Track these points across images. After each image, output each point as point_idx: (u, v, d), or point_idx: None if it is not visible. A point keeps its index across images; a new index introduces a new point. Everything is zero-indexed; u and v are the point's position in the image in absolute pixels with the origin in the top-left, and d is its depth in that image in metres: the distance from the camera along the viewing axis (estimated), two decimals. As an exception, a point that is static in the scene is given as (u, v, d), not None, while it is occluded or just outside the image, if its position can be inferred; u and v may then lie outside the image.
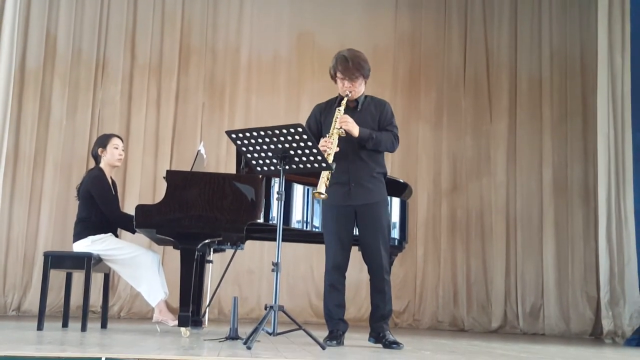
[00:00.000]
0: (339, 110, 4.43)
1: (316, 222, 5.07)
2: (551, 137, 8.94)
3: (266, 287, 8.45)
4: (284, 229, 4.20)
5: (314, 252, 8.01)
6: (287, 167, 4.16)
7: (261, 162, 4.22)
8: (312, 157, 4.09)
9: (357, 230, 4.59)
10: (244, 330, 4.41)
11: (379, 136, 4.50)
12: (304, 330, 4.00)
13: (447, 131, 9.14)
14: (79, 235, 5.26)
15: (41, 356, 2.95)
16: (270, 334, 4.00)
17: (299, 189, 4.99)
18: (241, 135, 4.13)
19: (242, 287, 8.48)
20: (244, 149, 4.19)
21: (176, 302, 4.92)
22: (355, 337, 5.16)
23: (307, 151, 4.07)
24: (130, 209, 5.07)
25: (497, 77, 9.22)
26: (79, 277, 6.12)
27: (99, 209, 5.27)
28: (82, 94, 8.63)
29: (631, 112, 7.33)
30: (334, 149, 4.27)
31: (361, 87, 4.60)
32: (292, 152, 4.10)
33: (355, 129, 4.41)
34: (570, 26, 9.12)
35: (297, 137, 4.02)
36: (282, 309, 4.00)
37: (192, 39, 9.03)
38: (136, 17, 8.92)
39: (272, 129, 4.04)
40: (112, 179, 5.50)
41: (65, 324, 5.45)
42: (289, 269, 8.34)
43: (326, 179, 4.21)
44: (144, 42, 8.89)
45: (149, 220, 4.73)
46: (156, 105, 8.82)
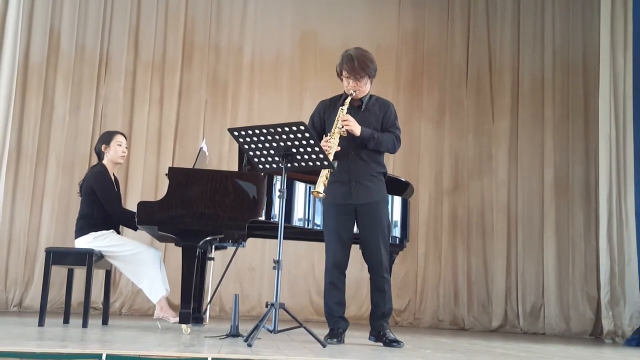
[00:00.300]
0: (341, 109, 4.43)
1: (317, 220, 5.08)
2: (553, 136, 8.94)
3: (267, 284, 8.46)
4: (285, 227, 4.21)
5: (315, 250, 8.02)
6: (289, 165, 4.16)
7: (263, 159, 4.23)
8: (314, 155, 4.10)
9: (357, 228, 4.60)
10: (245, 327, 4.42)
11: (381, 137, 4.51)
12: (305, 328, 4.01)
13: (449, 130, 9.15)
14: (80, 231, 5.27)
15: (42, 352, 2.95)
16: (271, 332, 4.01)
17: (300, 187, 4.99)
18: (243, 132, 4.13)
19: (243, 285, 8.49)
20: (246, 146, 4.19)
21: (177, 299, 4.94)
22: (355, 335, 5.17)
23: (309, 149, 4.07)
24: (132, 206, 5.09)
25: (500, 76, 9.22)
26: (80, 273, 6.12)
27: (101, 206, 5.27)
28: (85, 90, 8.64)
29: (633, 112, 7.33)
30: (334, 148, 4.27)
31: (366, 87, 4.60)
32: (294, 150, 4.10)
33: (357, 129, 4.41)
34: (572, 26, 9.12)
35: (299, 135, 4.02)
36: (283, 306, 4.00)
37: (196, 37, 9.04)
38: (140, 14, 8.93)
39: (274, 126, 4.04)
40: (114, 176, 5.51)
41: (66, 320, 5.46)
42: (290, 267, 8.35)
43: (325, 178, 4.21)
44: (148, 39, 8.89)
45: (150, 217, 4.74)
46: (159, 102, 8.83)
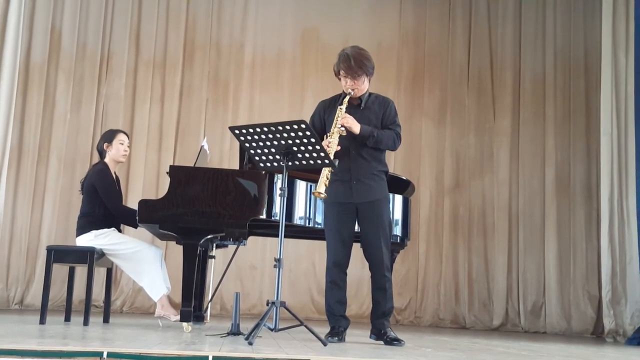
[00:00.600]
0: (340, 108, 4.42)
1: (318, 219, 5.08)
2: (554, 135, 8.94)
3: (268, 283, 8.46)
4: (286, 225, 4.21)
5: (316, 249, 8.03)
6: (290, 163, 4.16)
7: (264, 158, 4.23)
8: (315, 154, 4.10)
9: (358, 227, 4.60)
10: (246, 325, 4.42)
11: (380, 134, 4.50)
12: (306, 326, 4.01)
13: (451, 129, 9.15)
14: (82, 229, 5.28)
15: (43, 350, 2.95)
16: (271, 330, 4.01)
17: (301, 186, 4.99)
18: (244, 131, 4.13)
19: (244, 283, 8.50)
20: (247, 145, 4.19)
21: (178, 297, 4.95)
22: (356, 334, 5.18)
23: (310, 148, 4.07)
24: (133, 204, 5.09)
25: (501, 75, 9.22)
26: (81, 271, 6.13)
27: (102, 204, 5.28)
28: (86, 88, 8.64)
29: (634, 112, 7.32)
30: (334, 147, 4.27)
31: (364, 85, 4.59)
32: (295, 148, 4.10)
33: (356, 127, 4.41)
34: (574, 25, 9.12)
35: (300, 133, 4.02)
36: (283, 305, 4.00)
37: (197, 35, 9.04)
38: (141, 12, 8.93)
39: (275, 125, 4.04)
40: (115, 174, 5.51)
41: (67, 318, 5.47)
42: (291, 265, 8.35)
43: (326, 178, 4.21)
44: (149, 37, 8.90)
45: (151, 215, 4.74)
46: (160, 100, 8.83)
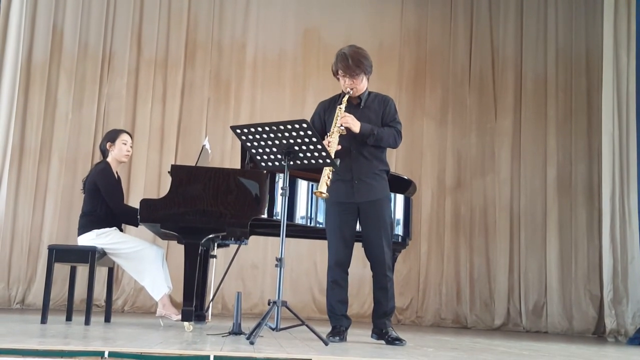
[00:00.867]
0: (339, 108, 4.42)
1: (320, 218, 5.08)
2: (556, 135, 8.94)
3: (270, 282, 8.46)
4: (287, 225, 4.21)
5: (317, 248, 8.03)
6: (291, 162, 4.16)
7: (266, 157, 4.23)
8: (316, 153, 4.09)
9: (359, 226, 4.60)
10: (247, 325, 4.42)
11: (381, 132, 4.50)
12: (307, 326, 4.01)
13: (452, 128, 9.15)
14: (83, 228, 5.28)
15: (45, 349, 2.96)
16: (273, 329, 4.02)
17: (303, 185, 4.99)
18: (246, 130, 4.13)
19: (245, 282, 8.50)
20: (249, 144, 4.19)
21: (180, 297, 4.94)
22: (358, 333, 5.18)
23: (311, 147, 4.07)
24: (134, 204, 5.09)
25: (503, 74, 9.22)
26: (83, 270, 6.14)
27: (104, 203, 5.28)
28: (88, 88, 8.64)
29: (636, 111, 7.33)
30: (334, 147, 4.26)
31: (363, 84, 4.58)
32: (296, 147, 4.10)
33: (355, 126, 4.40)
34: (575, 24, 9.12)
35: (301, 132, 4.02)
36: (285, 304, 4.00)
37: (198, 34, 9.04)
38: (142, 12, 8.93)
39: (276, 124, 4.04)
40: (117, 174, 5.51)
41: (69, 318, 5.47)
42: (293, 265, 8.35)
43: (327, 178, 4.21)
44: (150, 36, 8.90)
45: (153, 214, 4.74)
46: (162, 100, 8.83)
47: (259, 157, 4.25)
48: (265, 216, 4.77)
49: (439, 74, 9.28)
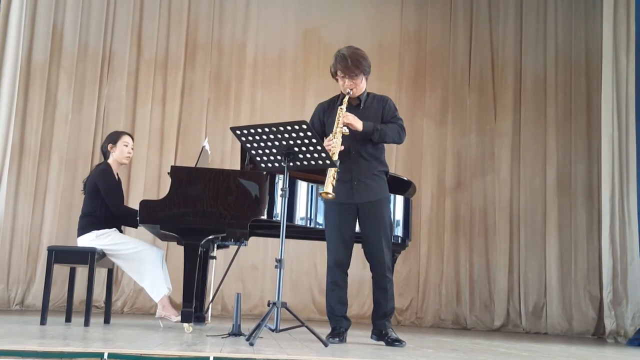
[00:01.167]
0: (340, 109, 4.41)
1: (319, 219, 5.07)
2: (555, 135, 8.95)
3: (269, 283, 8.46)
4: (287, 226, 4.21)
5: (317, 249, 8.02)
6: (291, 163, 4.16)
7: (265, 158, 4.23)
8: (316, 154, 4.09)
9: (359, 227, 4.60)
10: (247, 326, 4.42)
11: (384, 128, 4.49)
12: (307, 327, 4.01)
13: (452, 128, 9.15)
14: (83, 229, 5.28)
15: (44, 351, 2.95)
16: (273, 331, 4.01)
17: (303, 186, 4.99)
18: (246, 131, 4.13)
19: (245, 284, 8.50)
20: (249, 145, 4.19)
21: (179, 298, 4.94)
22: (357, 334, 5.18)
23: (311, 148, 4.07)
24: (134, 204, 5.09)
25: (502, 75, 9.22)
26: (82, 271, 6.15)
27: (104, 204, 5.28)
28: (87, 88, 8.64)
29: (635, 111, 7.33)
30: (338, 147, 4.26)
31: (362, 85, 4.58)
32: (296, 148, 4.10)
33: (358, 125, 4.40)
34: (575, 25, 9.13)
35: (301, 134, 4.02)
36: (285, 305, 4.00)
37: (199, 35, 9.04)
38: (142, 12, 8.93)
39: (276, 125, 4.04)
40: (117, 176, 5.51)
41: (68, 319, 5.47)
42: (292, 266, 8.36)
43: (332, 178, 4.20)
44: (150, 37, 8.90)
45: (153, 215, 4.74)
46: (162, 100, 8.83)
47: (258, 158, 4.25)
48: (265, 217, 4.76)
49: (438, 75, 9.29)
